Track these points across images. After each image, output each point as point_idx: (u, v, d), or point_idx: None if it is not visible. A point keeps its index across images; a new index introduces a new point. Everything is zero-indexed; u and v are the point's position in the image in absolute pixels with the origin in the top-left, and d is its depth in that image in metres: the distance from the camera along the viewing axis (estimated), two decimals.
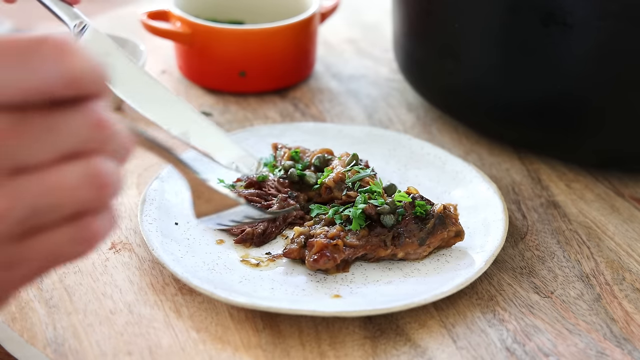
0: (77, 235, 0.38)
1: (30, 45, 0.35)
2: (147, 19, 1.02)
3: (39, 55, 0.35)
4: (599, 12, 0.77)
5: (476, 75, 0.89)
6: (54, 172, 0.36)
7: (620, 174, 0.90)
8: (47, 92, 0.36)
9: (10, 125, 0.35)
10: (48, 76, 0.35)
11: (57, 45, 0.36)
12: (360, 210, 0.73)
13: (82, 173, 0.37)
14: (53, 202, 0.36)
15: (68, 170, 0.36)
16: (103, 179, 0.37)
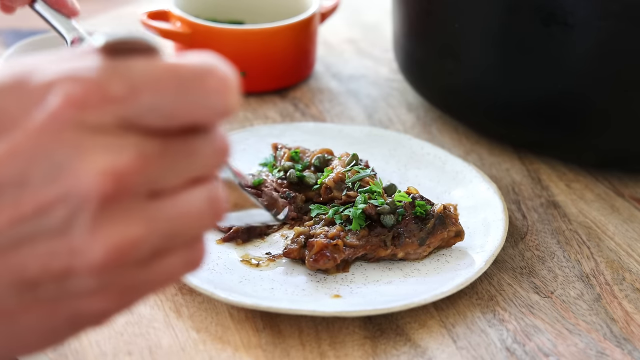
0: (191, 257, 0.38)
1: (197, 76, 0.35)
2: (147, 19, 1.02)
3: (204, 87, 0.35)
4: (600, 12, 0.77)
5: (476, 75, 0.89)
6: (184, 197, 0.36)
7: (620, 174, 0.90)
8: (202, 122, 0.36)
9: (157, 150, 0.35)
10: (208, 109, 0.36)
11: (223, 80, 0.36)
12: (360, 210, 0.73)
13: (205, 198, 0.37)
14: (182, 227, 0.37)
15: (194, 195, 0.37)
16: (221, 204, 0.38)
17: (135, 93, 0.34)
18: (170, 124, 0.35)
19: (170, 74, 0.35)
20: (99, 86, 0.33)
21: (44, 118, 0.33)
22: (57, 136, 0.33)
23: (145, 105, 0.34)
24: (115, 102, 0.33)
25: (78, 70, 0.34)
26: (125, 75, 0.34)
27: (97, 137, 0.33)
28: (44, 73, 0.34)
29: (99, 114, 0.33)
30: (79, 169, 0.33)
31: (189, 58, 0.36)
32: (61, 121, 0.33)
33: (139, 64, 0.34)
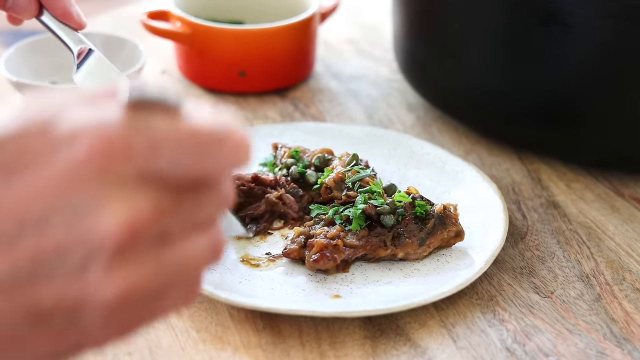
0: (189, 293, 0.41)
1: (215, 139, 0.37)
2: (147, 19, 1.02)
3: (221, 150, 0.38)
4: (599, 12, 0.77)
5: (476, 75, 0.89)
6: (189, 243, 0.39)
7: (620, 174, 0.90)
8: (215, 179, 0.38)
9: (171, 203, 0.37)
10: (222, 169, 0.38)
11: (239, 145, 0.38)
12: (360, 210, 0.73)
13: (208, 243, 0.40)
14: (186, 269, 0.39)
15: (198, 241, 0.39)
16: (221, 247, 0.41)
17: (157, 149, 0.36)
18: (186, 179, 0.37)
19: (190, 136, 0.37)
20: (122, 139, 0.35)
21: (70, 164, 0.35)
22: (80, 183, 0.35)
23: (165, 162, 0.36)
24: (137, 155, 0.35)
25: (103, 122, 0.35)
26: (148, 132, 0.36)
27: (118, 188, 0.35)
28: (69, 120, 0.36)
29: (121, 166, 0.35)
30: (100, 216, 0.35)
31: (208, 120, 0.38)
32: (85, 169, 0.35)
33: (161, 123, 0.36)
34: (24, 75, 0.96)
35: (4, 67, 0.94)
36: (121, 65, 1.00)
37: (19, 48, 0.99)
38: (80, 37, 0.80)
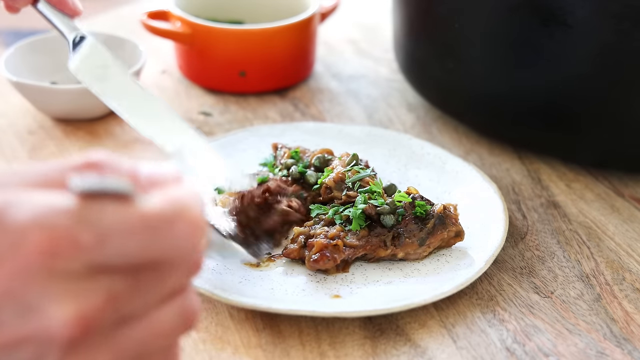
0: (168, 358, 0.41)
1: (165, 223, 0.37)
2: (147, 19, 1.02)
3: (172, 233, 0.37)
4: (600, 12, 0.77)
5: (476, 75, 0.89)
6: (155, 317, 0.38)
7: (620, 174, 0.90)
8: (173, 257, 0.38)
9: (126, 286, 0.37)
10: (176, 251, 0.38)
11: (193, 224, 0.37)
12: (360, 210, 0.73)
13: (177, 312, 0.39)
14: (154, 344, 0.38)
15: (165, 312, 0.39)
16: (193, 314, 0.40)
17: (104, 241, 0.35)
18: (138, 263, 0.37)
19: (139, 222, 0.36)
20: (68, 235, 0.35)
21: (16, 263, 0.34)
22: (27, 280, 0.35)
23: (113, 252, 0.36)
24: (84, 250, 0.35)
25: (50, 216, 0.35)
26: (95, 223, 0.35)
27: (66, 283, 0.35)
28: (16, 214, 0.35)
29: (68, 262, 0.35)
30: (48, 313, 0.35)
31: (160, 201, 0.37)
32: (32, 267, 0.35)
33: (109, 212, 0.36)
34: (24, 75, 0.96)
35: (4, 67, 0.95)
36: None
37: (19, 48, 0.99)
38: (76, 24, 0.79)
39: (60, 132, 0.94)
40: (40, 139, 0.93)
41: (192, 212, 0.38)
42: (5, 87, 1.02)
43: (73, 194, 0.36)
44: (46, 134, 0.94)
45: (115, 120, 0.97)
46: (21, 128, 0.95)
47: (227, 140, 0.88)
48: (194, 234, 0.38)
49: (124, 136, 0.94)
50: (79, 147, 0.92)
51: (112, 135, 0.94)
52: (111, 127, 0.96)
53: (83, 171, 0.37)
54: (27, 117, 0.97)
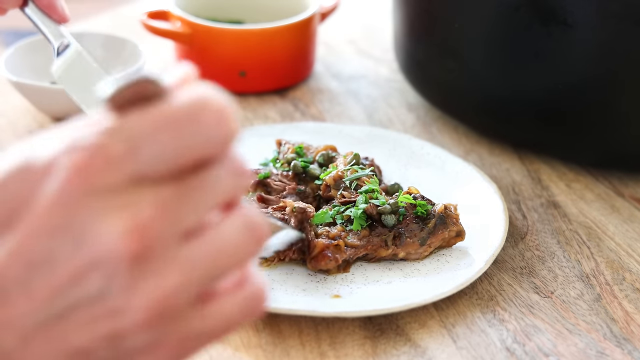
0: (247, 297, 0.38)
1: (191, 114, 0.35)
2: (147, 19, 1.02)
3: (201, 124, 0.35)
4: (600, 12, 0.77)
5: (476, 75, 0.89)
6: (218, 231, 0.36)
7: (620, 174, 0.90)
8: (207, 156, 0.36)
9: (172, 193, 0.35)
10: (210, 142, 0.36)
11: (218, 111, 0.36)
12: (361, 210, 0.73)
13: (241, 225, 0.37)
14: (222, 263, 0.36)
15: (228, 225, 0.37)
16: (260, 227, 0.38)
17: (136, 147, 0.34)
18: (177, 166, 0.35)
19: (165, 121, 0.35)
20: (100, 150, 0.34)
21: (55, 192, 0.34)
22: (72, 206, 0.34)
23: (148, 157, 0.35)
24: (119, 161, 0.34)
25: (77, 139, 0.35)
26: (123, 132, 0.34)
27: (110, 199, 0.34)
28: (44, 150, 0.35)
29: (107, 176, 0.34)
30: (101, 233, 0.34)
31: (181, 96, 0.36)
32: (72, 191, 0.34)
33: (134, 118, 0.35)
34: (24, 75, 0.96)
35: (4, 67, 0.94)
36: (121, 65, 1.00)
37: (19, 48, 0.99)
38: (62, 31, 0.79)
39: None
40: None
41: (215, 100, 0.36)
42: (5, 87, 1.01)
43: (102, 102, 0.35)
44: None
45: None
46: (21, 128, 0.95)
47: None
48: (221, 120, 0.36)
49: None
50: None
51: None
52: None
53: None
54: (27, 117, 0.97)
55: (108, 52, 1.02)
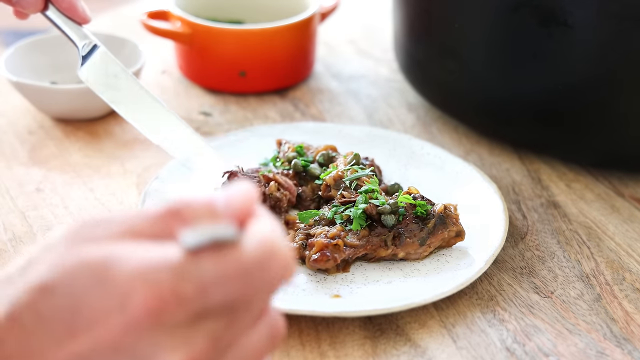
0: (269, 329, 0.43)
1: (261, 266, 0.39)
2: (147, 19, 1.02)
3: (268, 275, 0.39)
4: (600, 12, 0.77)
5: (476, 75, 0.89)
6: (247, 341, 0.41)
7: (620, 174, 0.90)
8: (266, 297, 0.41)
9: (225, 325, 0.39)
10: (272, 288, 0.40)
11: (284, 265, 0.40)
12: (361, 210, 0.73)
13: (265, 332, 0.42)
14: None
15: (255, 334, 0.41)
16: (280, 329, 0.43)
17: (205, 292, 0.38)
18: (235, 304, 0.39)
19: (236, 270, 0.38)
20: (172, 290, 0.37)
21: (125, 319, 0.37)
22: (136, 334, 0.37)
23: (214, 300, 0.38)
24: (187, 303, 0.37)
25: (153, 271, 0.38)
26: (196, 276, 0.38)
27: (172, 333, 0.38)
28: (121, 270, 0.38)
29: (174, 315, 0.37)
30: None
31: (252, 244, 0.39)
32: (140, 323, 0.37)
33: (208, 264, 0.38)
34: (24, 75, 0.96)
35: (4, 67, 0.94)
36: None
37: (19, 48, 0.99)
38: (85, 32, 0.80)
39: (60, 132, 0.94)
40: (40, 139, 0.93)
41: (282, 252, 0.40)
42: (5, 87, 1.01)
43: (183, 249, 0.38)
44: (46, 134, 0.94)
45: (115, 120, 0.97)
46: (21, 128, 0.95)
47: (227, 140, 0.88)
48: (285, 272, 0.40)
49: (124, 136, 0.94)
50: (79, 147, 0.92)
51: (112, 135, 0.94)
52: (111, 127, 0.96)
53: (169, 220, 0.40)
54: (27, 117, 0.97)
55: None
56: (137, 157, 0.90)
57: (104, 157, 0.90)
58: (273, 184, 0.76)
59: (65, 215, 0.80)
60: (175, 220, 0.40)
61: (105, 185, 0.85)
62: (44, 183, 0.85)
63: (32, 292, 0.38)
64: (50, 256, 0.39)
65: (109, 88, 0.80)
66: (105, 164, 0.89)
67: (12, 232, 0.78)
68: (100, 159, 0.90)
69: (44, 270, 0.38)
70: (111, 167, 0.88)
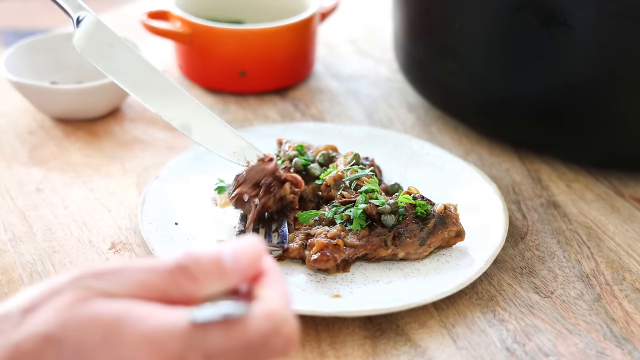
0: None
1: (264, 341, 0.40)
2: (147, 19, 1.02)
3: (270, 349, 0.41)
4: (600, 12, 0.77)
5: (476, 75, 0.89)
6: None
7: (620, 174, 0.90)
8: None
9: None
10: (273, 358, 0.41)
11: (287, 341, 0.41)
12: (361, 210, 0.73)
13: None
14: None
15: None
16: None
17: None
18: None
19: (240, 344, 0.40)
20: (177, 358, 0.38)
21: None
22: None
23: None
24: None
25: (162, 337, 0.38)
26: (202, 347, 0.39)
27: None
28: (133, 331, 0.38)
29: None
30: None
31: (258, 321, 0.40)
32: None
33: (215, 336, 0.39)
34: (24, 75, 0.96)
35: (4, 67, 0.95)
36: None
37: (19, 48, 0.99)
38: (80, 2, 0.79)
39: (60, 132, 0.94)
40: (40, 139, 0.93)
41: (287, 327, 0.41)
42: (5, 87, 1.02)
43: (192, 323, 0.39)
44: (46, 134, 0.94)
45: (115, 120, 0.97)
46: (21, 128, 0.95)
47: None
48: (288, 347, 0.41)
49: (124, 136, 0.94)
50: (79, 147, 0.92)
51: (112, 135, 0.94)
52: (111, 127, 0.96)
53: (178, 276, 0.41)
54: (27, 117, 0.97)
55: None
56: (137, 157, 0.90)
57: (104, 157, 0.90)
58: (287, 186, 0.75)
59: (65, 215, 0.80)
60: (184, 276, 0.41)
61: (105, 185, 0.85)
62: (44, 183, 0.85)
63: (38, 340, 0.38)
64: (58, 304, 0.39)
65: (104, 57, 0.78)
66: (105, 164, 0.89)
67: (12, 232, 0.78)
68: (100, 159, 0.90)
69: (52, 320, 0.38)
70: (111, 167, 0.88)
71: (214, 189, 0.82)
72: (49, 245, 0.76)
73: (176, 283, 0.41)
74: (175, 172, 0.82)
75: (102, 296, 0.40)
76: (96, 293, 0.40)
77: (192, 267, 0.41)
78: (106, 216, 0.80)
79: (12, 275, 0.72)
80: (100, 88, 0.92)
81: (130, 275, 0.41)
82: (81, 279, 0.40)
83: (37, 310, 0.39)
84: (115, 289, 0.40)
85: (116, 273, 0.41)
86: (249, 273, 0.42)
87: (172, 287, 0.41)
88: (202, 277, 0.41)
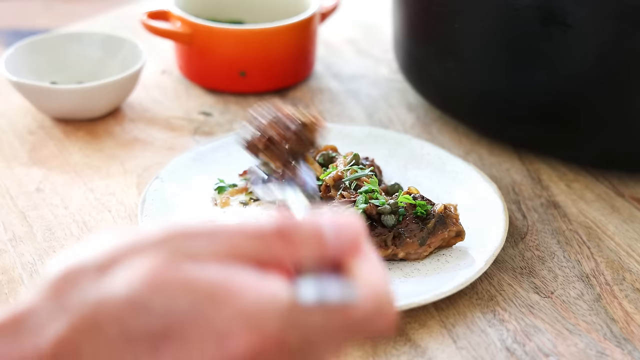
0: None
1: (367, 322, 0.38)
2: (147, 19, 1.02)
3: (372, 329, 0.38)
4: (600, 12, 0.77)
5: (476, 75, 0.89)
6: None
7: (620, 174, 0.90)
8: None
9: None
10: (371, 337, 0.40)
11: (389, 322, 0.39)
12: (361, 210, 0.73)
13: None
14: None
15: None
16: None
17: (310, 344, 0.37)
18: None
19: (343, 325, 0.37)
20: (277, 338, 0.36)
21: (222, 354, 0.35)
22: None
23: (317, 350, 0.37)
24: (290, 352, 0.36)
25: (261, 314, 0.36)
26: (303, 326, 0.36)
27: None
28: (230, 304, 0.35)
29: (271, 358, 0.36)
30: None
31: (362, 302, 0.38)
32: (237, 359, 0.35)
33: (317, 316, 0.37)
34: (24, 75, 0.96)
35: (4, 67, 0.94)
36: (121, 65, 1.00)
37: (19, 48, 0.99)
38: None
39: (60, 132, 0.94)
40: (40, 139, 0.93)
41: (390, 307, 0.39)
42: (5, 87, 1.01)
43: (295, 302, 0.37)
44: (46, 134, 0.94)
45: (115, 120, 0.97)
46: (21, 128, 0.95)
47: (227, 140, 0.88)
48: (391, 327, 0.39)
49: (124, 136, 0.94)
50: (79, 147, 0.92)
51: (112, 135, 0.94)
52: (111, 127, 0.96)
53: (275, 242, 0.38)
54: (27, 117, 0.97)
55: (108, 52, 1.02)
56: (137, 157, 0.90)
57: (104, 157, 0.90)
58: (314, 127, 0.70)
59: (65, 215, 0.80)
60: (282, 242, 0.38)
61: (105, 185, 0.85)
62: (44, 183, 0.85)
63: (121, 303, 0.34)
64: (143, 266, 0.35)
65: None
66: (105, 164, 0.89)
67: (12, 232, 0.78)
68: (100, 159, 0.90)
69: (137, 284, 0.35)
70: (111, 167, 0.88)
71: (214, 189, 0.82)
72: (49, 245, 0.76)
73: (271, 247, 0.37)
74: (175, 172, 0.82)
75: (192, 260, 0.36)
76: (186, 256, 0.36)
77: (293, 233, 0.38)
78: (106, 216, 0.80)
79: (12, 275, 0.72)
80: (100, 88, 0.92)
81: (224, 239, 0.37)
82: (169, 240, 0.37)
83: (116, 269, 0.35)
84: (206, 252, 0.36)
85: (209, 235, 0.37)
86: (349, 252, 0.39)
87: (265, 252, 0.38)
88: (301, 245, 0.38)
